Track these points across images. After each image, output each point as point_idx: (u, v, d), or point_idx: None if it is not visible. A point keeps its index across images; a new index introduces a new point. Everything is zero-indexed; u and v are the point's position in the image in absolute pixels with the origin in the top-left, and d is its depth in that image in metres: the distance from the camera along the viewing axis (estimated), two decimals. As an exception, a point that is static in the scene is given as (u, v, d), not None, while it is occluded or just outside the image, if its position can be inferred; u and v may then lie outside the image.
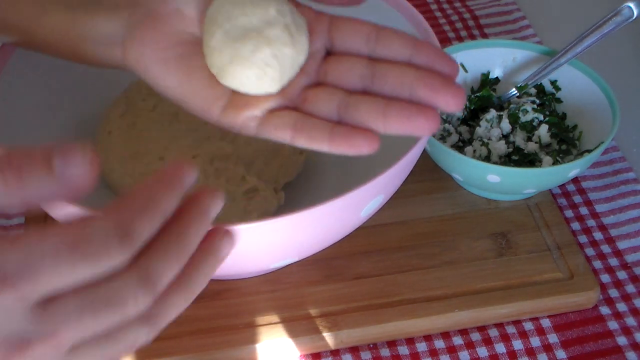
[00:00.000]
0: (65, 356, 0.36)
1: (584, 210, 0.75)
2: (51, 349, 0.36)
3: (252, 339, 0.64)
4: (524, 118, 0.74)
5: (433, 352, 0.65)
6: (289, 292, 0.67)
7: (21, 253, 0.35)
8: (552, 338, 0.66)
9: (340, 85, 0.51)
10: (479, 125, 0.75)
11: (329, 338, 0.65)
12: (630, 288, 0.70)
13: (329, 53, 0.53)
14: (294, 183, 0.72)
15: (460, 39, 0.95)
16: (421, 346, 0.65)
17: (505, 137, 0.74)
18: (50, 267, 0.35)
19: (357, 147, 0.50)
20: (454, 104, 0.49)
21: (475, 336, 0.66)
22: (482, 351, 0.65)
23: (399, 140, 0.55)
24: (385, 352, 0.65)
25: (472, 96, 0.78)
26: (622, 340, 0.66)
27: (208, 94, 0.52)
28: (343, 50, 0.52)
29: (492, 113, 0.75)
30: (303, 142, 0.51)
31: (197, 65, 0.53)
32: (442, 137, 0.75)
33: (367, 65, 0.51)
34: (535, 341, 0.66)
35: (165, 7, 0.53)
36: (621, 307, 0.68)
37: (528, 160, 0.73)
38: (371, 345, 0.66)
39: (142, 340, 0.38)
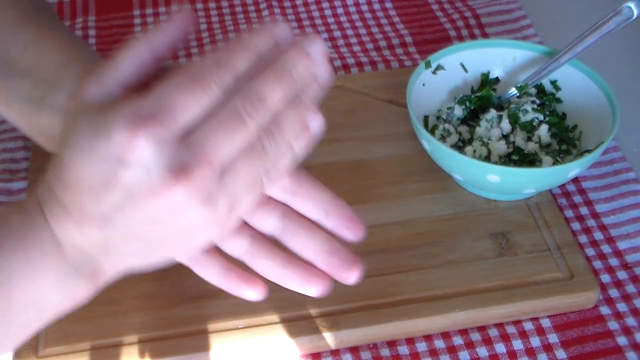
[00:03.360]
0: (222, 177, 0.44)
1: (584, 210, 0.75)
2: (208, 170, 0.43)
3: (252, 339, 0.64)
4: (524, 118, 0.74)
5: (433, 352, 0.65)
6: (289, 292, 0.67)
7: (153, 98, 0.43)
8: (552, 338, 0.66)
9: (252, 226, 0.52)
10: (479, 125, 0.75)
11: (329, 338, 0.65)
12: (630, 288, 0.70)
13: None
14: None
15: (461, 37, 0.95)
16: (421, 346, 0.65)
17: (505, 137, 0.74)
18: (180, 101, 0.43)
19: (244, 294, 0.53)
20: (350, 279, 0.53)
21: (475, 336, 0.66)
22: (482, 351, 0.65)
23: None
24: (385, 352, 0.65)
25: (472, 96, 0.78)
26: (622, 340, 0.66)
27: None
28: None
29: (492, 113, 0.75)
30: (198, 269, 0.53)
31: None
32: (442, 137, 0.75)
33: (281, 219, 0.52)
34: (535, 341, 0.66)
35: None
36: (621, 307, 0.68)
37: (528, 160, 0.73)
38: (371, 345, 0.66)
39: (279, 157, 0.46)
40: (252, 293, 0.53)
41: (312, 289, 0.52)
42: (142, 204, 0.43)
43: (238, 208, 0.46)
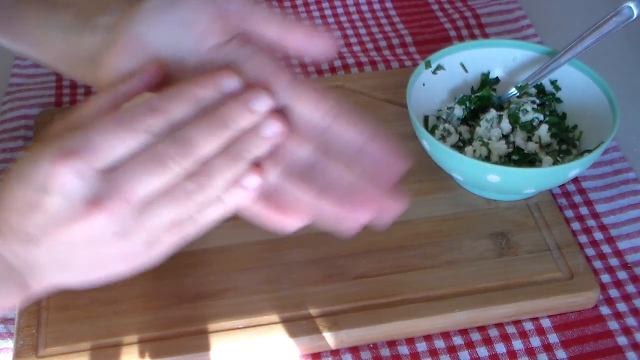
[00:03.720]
0: (139, 214, 0.46)
1: (584, 210, 0.75)
2: (122, 205, 0.46)
3: (252, 339, 0.64)
4: (524, 118, 0.74)
5: (433, 352, 0.65)
6: (289, 292, 0.68)
7: (82, 136, 0.46)
8: (552, 338, 0.66)
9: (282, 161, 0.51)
10: (479, 125, 0.75)
11: (329, 338, 0.65)
12: (630, 288, 0.70)
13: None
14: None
15: (461, 37, 0.95)
16: (421, 346, 0.65)
17: (505, 137, 0.74)
18: (104, 140, 0.46)
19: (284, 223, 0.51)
20: (393, 209, 0.52)
21: (475, 336, 0.66)
22: (482, 351, 0.65)
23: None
24: (385, 352, 0.65)
25: (473, 96, 0.78)
26: (622, 340, 0.66)
27: None
28: (298, 118, 0.51)
29: (492, 113, 0.75)
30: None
31: None
32: (442, 137, 0.75)
33: (312, 155, 0.50)
34: (535, 341, 0.66)
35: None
36: (621, 307, 0.68)
37: (528, 160, 0.73)
38: (371, 345, 0.66)
39: (200, 204, 0.47)
40: (293, 221, 0.51)
41: (352, 220, 0.50)
42: (62, 229, 0.46)
43: (158, 244, 0.48)
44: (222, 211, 0.48)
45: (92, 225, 0.46)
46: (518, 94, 0.78)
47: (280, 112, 0.49)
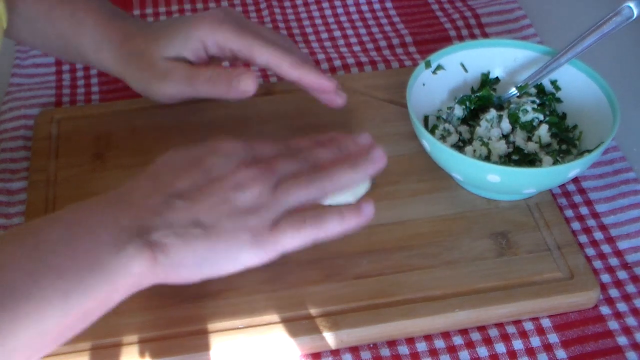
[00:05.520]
0: (275, 188, 0.58)
1: (584, 210, 0.75)
2: (268, 171, 0.59)
3: (252, 339, 0.64)
4: (524, 118, 0.74)
5: (433, 352, 0.65)
6: (289, 292, 0.68)
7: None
8: (552, 338, 0.66)
9: None
10: (479, 125, 0.75)
11: (329, 338, 0.65)
12: (630, 288, 0.70)
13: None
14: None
15: (461, 37, 0.95)
16: (421, 346, 0.65)
17: (505, 137, 0.75)
18: (275, 160, 0.60)
19: (238, 85, 0.74)
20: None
21: (475, 336, 0.66)
22: (482, 351, 0.65)
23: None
24: (385, 352, 0.65)
25: (473, 96, 0.78)
26: (622, 340, 0.66)
27: None
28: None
29: (492, 113, 0.75)
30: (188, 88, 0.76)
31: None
32: (442, 137, 0.75)
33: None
34: (535, 341, 0.66)
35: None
36: (621, 307, 0.68)
37: (528, 160, 0.73)
38: (371, 345, 0.66)
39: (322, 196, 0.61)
40: (245, 81, 0.73)
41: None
42: (215, 184, 0.57)
43: (280, 231, 0.57)
44: (338, 224, 0.59)
45: (240, 180, 0.57)
46: (518, 94, 0.78)
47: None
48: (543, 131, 0.74)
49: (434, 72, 0.78)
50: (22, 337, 0.52)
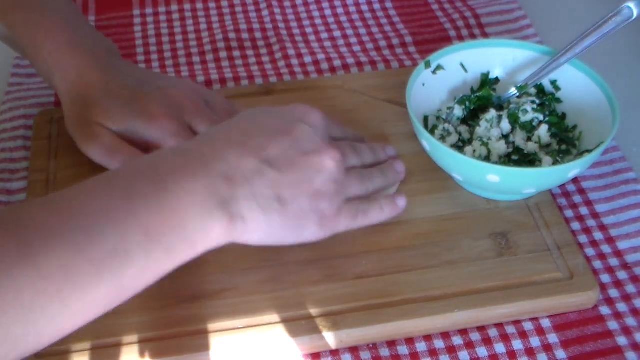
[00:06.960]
0: (346, 174, 0.66)
1: (584, 210, 0.75)
2: (342, 159, 0.66)
3: (252, 339, 0.64)
4: (524, 118, 0.74)
5: (433, 352, 0.65)
6: (289, 292, 0.68)
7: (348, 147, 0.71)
8: (552, 338, 0.66)
9: None
10: (479, 125, 0.75)
11: (328, 338, 0.65)
12: (630, 288, 0.70)
13: None
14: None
15: (461, 37, 0.95)
16: (421, 346, 0.65)
17: (505, 137, 0.74)
18: (349, 153, 0.70)
19: None
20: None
21: (475, 336, 0.66)
22: (482, 351, 0.65)
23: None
24: (385, 352, 0.65)
25: (472, 96, 0.78)
26: (622, 340, 0.66)
27: None
28: None
29: (492, 113, 0.75)
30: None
31: None
32: (442, 137, 0.75)
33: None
34: (535, 341, 0.66)
35: None
36: (621, 307, 0.68)
37: (528, 160, 0.73)
38: (371, 345, 0.66)
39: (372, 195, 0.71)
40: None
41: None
42: (301, 157, 0.63)
43: (342, 215, 0.66)
44: (379, 214, 0.69)
45: (324, 161, 0.64)
46: (518, 94, 0.78)
47: None
48: (543, 131, 0.74)
49: (433, 72, 0.78)
50: (102, 290, 0.53)
